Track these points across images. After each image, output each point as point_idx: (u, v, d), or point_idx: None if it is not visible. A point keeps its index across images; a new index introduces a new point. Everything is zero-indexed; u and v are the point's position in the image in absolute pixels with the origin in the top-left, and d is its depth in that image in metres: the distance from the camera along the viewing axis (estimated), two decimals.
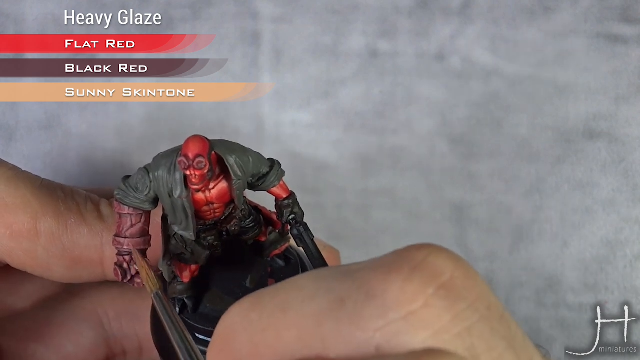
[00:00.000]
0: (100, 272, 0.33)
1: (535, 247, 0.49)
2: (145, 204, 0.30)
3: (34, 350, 0.37)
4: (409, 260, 0.24)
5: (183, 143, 0.28)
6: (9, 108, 0.50)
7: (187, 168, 0.27)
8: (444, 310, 0.23)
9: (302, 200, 0.32)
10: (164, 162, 0.29)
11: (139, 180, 0.29)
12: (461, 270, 0.24)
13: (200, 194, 0.29)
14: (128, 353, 0.40)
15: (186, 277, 0.31)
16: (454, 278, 0.23)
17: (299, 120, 0.50)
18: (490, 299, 0.24)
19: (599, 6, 0.50)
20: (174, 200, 0.29)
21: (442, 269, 0.24)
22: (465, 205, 0.49)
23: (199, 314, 0.31)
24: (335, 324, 0.23)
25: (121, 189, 0.30)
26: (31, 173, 0.34)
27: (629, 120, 0.50)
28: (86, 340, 0.39)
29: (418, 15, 0.50)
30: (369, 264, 0.25)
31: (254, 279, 0.32)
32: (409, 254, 0.24)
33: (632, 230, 0.49)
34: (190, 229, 0.30)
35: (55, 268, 0.33)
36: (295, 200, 0.32)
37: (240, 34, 0.50)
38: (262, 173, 0.30)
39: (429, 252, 0.24)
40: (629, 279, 0.49)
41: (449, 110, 0.50)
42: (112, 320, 0.39)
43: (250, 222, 0.32)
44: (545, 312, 0.49)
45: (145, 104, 0.49)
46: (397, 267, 0.24)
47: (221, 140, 0.29)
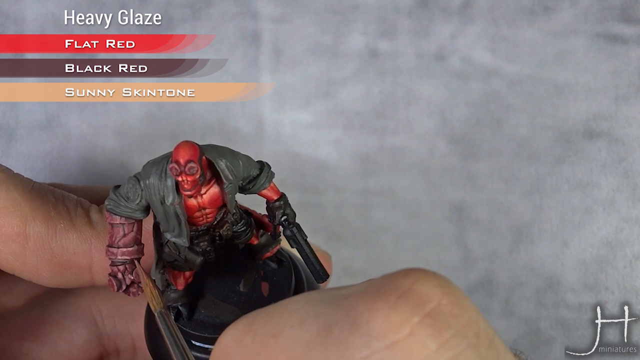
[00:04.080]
0: (88, 278, 0.33)
1: (535, 247, 0.49)
2: (136, 212, 0.29)
3: (28, 348, 0.37)
4: (396, 287, 0.24)
5: (173, 149, 0.27)
6: (9, 108, 0.50)
7: (178, 174, 0.27)
8: (429, 339, 0.23)
9: (302, 200, 0.32)
10: (155, 170, 0.28)
11: (130, 189, 0.29)
12: (449, 296, 0.24)
13: (193, 200, 0.29)
14: (121, 351, 0.40)
15: (181, 285, 0.31)
16: (442, 305, 0.23)
17: (299, 120, 0.50)
18: (479, 326, 0.24)
19: (599, 6, 0.50)
20: (166, 207, 0.29)
21: (430, 296, 0.23)
22: (465, 205, 0.49)
23: (194, 320, 0.31)
24: (323, 352, 0.23)
25: (112, 199, 0.29)
26: (23, 176, 0.33)
27: (629, 120, 0.50)
28: (79, 339, 0.39)
29: (418, 15, 0.50)
30: (358, 289, 0.25)
31: (247, 282, 0.32)
32: (396, 280, 0.24)
33: (632, 230, 0.49)
34: (183, 236, 0.30)
35: (43, 273, 0.33)
36: (287, 202, 0.32)
37: (240, 34, 0.50)
38: (252, 176, 0.30)
39: (417, 279, 0.24)
40: (629, 279, 0.49)
41: (449, 110, 0.50)
42: (105, 318, 0.40)
43: (242, 226, 0.32)
44: (545, 312, 0.49)
45: (145, 104, 0.49)
46: (383, 294, 0.23)
47: (210, 145, 0.29)
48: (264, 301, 0.32)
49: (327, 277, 0.32)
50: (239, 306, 0.31)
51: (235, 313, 0.31)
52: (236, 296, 0.32)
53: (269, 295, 0.32)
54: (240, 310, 0.31)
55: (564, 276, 0.49)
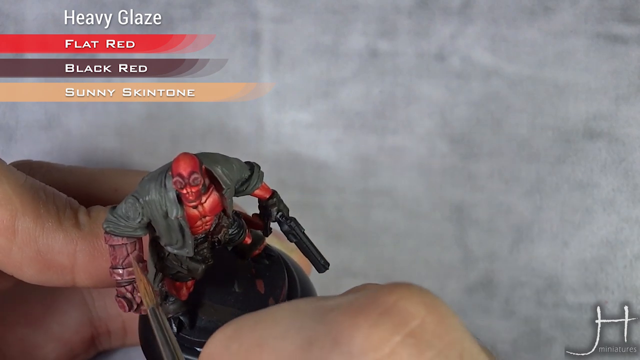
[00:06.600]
0: (69, 278, 0.33)
1: (535, 247, 0.49)
2: (137, 231, 0.30)
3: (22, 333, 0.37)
4: (379, 304, 0.23)
5: (172, 163, 0.27)
6: (9, 108, 0.50)
7: (183, 187, 0.27)
8: (410, 358, 0.22)
9: (302, 200, 0.32)
10: (153, 185, 0.28)
11: (129, 208, 0.29)
12: (433, 314, 0.23)
13: (194, 210, 0.29)
14: (112, 333, 0.41)
15: (184, 295, 0.31)
16: (425, 323, 0.23)
17: (299, 120, 0.50)
18: (463, 345, 0.23)
19: (599, 6, 0.50)
20: (169, 221, 0.29)
21: (413, 314, 0.23)
22: (465, 205, 0.49)
23: (197, 328, 0.31)
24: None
25: (110, 221, 0.29)
26: (15, 169, 0.33)
27: (629, 120, 0.50)
28: (71, 320, 0.39)
29: (418, 15, 0.50)
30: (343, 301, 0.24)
31: (241, 283, 0.32)
32: (380, 297, 0.24)
33: (632, 230, 0.49)
34: (187, 247, 0.30)
35: (26, 269, 0.32)
36: (279, 198, 0.32)
37: (240, 34, 0.50)
38: (244, 178, 0.31)
39: (401, 296, 0.23)
40: (629, 279, 0.49)
41: (449, 110, 0.50)
42: (96, 300, 0.40)
43: (235, 228, 0.32)
44: (545, 312, 0.49)
45: (145, 104, 0.49)
46: (365, 311, 0.23)
47: (202, 153, 0.29)
48: (262, 298, 0.32)
49: (328, 266, 0.32)
50: (238, 307, 0.32)
51: (235, 314, 0.31)
52: (233, 298, 0.32)
53: (265, 291, 0.32)
54: (240, 311, 0.31)
55: (564, 276, 0.49)
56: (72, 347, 0.40)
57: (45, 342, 0.38)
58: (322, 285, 0.36)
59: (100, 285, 0.33)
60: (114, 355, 0.43)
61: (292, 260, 0.35)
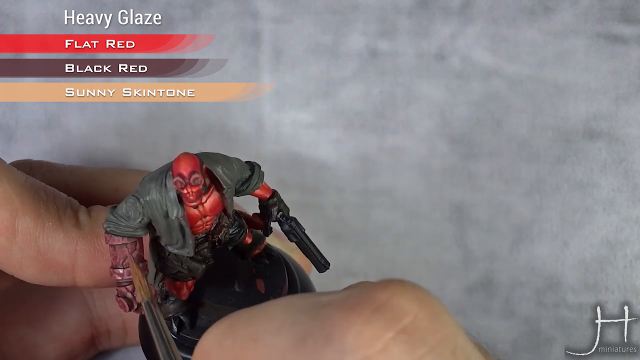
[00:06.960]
0: (70, 278, 0.33)
1: (535, 247, 0.49)
2: (138, 231, 0.30)
3: (22, 333, 0.37)
4: (372, 300, 0.23)
5: (173, 163, 0.27)
6: (9, 108, 0.50)
7: (184, 187, 0.27)
8: (402, 355, 0.22)
9: (302, 200, 0.32)
10: (154, 185, 0.28)
11: (130, 208, 0.29)
12: (427, 311, 0.23)
13: (194, 210, 0.29)
14: (112, 333, 0.41)
15: (185, 295, 0.31)
16: (418, 320, 0.23)
17: (299, 120, 0.50)
18: (456, 342, 0.23)
19: (599, 6, 0.50)
20: (170, 221, 0.29)
21: (406, 311, 0.23)
22: (465, 205, 0.49)
23: (198, 328, 0.31)
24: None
25: (110, 221, 0.29)
26: (16, 169, 0.33)
27: (629, 120, 0.50)
28: (72, 320, 0.39)
29: (418, 15, 0.50)
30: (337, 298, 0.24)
31: (242, 282, 0.32)
32: (373, 293, 0.24)
33: (632, 230, 0.49)
34: (188, 247, 0.30)
35: (26, 269, 0.32)
36: (280, 198, 0.32)
37: (240, 34, 0.50)
38: (245, 178, 0.31)
39: (394, 292, 0.23)
40: (629, 279, 0.49)
41: (449, 110, 0.50)
42: (96, 300, 0.40)
43: (236, 228, 0.32)
44: (545, 312, 0.49)
45: (145, 104, 0.49)
46: (358, 307, 0.23)
47: (203, 153, 0.29)
48: (262, 297, 0.32)
49: (329, 266, 0.32)
50: (239, 306, 0.32)
51: None
52: (234, 297, 0.32)
53: (265, 291, 0.32)
54: None
55: (564, 276, 0.49)
56: (72, 347, 0.40)
57: (46, 342, 0.38)
58: (322, 285, 0.36)
59: (100, 285, 0.33)
60: (114, 355, 0.43)
61: (293, 260, 0.35)
